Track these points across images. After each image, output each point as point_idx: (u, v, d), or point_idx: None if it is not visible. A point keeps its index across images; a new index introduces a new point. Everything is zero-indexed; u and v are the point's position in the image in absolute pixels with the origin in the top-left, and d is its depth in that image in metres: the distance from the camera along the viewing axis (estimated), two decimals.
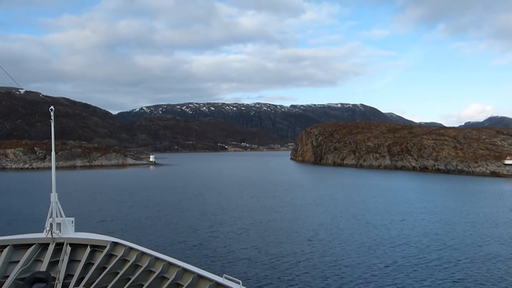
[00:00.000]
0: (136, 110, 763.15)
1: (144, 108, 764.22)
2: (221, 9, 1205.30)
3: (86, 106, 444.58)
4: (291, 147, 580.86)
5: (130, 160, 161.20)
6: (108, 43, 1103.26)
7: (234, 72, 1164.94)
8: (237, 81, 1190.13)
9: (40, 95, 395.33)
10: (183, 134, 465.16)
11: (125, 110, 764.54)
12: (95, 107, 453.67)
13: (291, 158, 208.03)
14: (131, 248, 10.90)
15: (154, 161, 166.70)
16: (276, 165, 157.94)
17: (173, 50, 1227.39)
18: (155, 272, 9.83)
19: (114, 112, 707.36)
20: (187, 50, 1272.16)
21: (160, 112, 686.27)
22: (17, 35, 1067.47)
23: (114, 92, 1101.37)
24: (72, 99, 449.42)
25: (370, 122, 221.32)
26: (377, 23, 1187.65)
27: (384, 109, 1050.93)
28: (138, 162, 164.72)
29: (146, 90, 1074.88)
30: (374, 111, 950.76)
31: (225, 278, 8.66)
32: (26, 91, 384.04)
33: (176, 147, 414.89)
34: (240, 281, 8.36)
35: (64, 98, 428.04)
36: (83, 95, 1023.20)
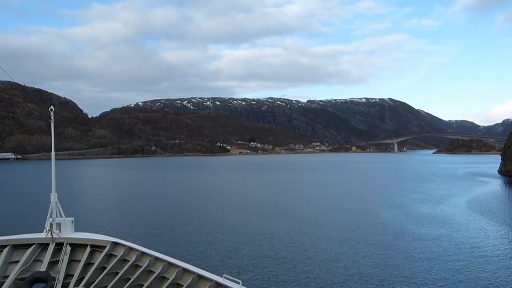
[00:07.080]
0: (132, 105, 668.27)
1: (140, 103, 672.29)
2: None
3: (38, 93, 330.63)
4: (317, 148, 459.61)
5: None
6: (137, 36, 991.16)
7: (265, 68, 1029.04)
8: (265, 79, 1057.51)
9: None
10: (170, 131, 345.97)
11: (117, 106, 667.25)
12: (52, 93, 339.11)
13: None
14: (131, 248, 10.84)
15: None
16: None
17: (205, 44, 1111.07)
18: (155, 272, 9.81)
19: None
20: (221, 43, 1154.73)
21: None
22: (37, 27, 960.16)
23: (134, 91, 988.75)
24: (23, 84, 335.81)
25: None
26: (431, 13, 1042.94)
27: (414, 105, 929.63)
28: None
29: (168, 89, 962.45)
30: (405, 106, 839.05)
31: (225, 278, 8.67)
32: None
33: (153, 148, 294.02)
34: (240, 281, 8.39)
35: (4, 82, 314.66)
36: (100, 94, 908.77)
